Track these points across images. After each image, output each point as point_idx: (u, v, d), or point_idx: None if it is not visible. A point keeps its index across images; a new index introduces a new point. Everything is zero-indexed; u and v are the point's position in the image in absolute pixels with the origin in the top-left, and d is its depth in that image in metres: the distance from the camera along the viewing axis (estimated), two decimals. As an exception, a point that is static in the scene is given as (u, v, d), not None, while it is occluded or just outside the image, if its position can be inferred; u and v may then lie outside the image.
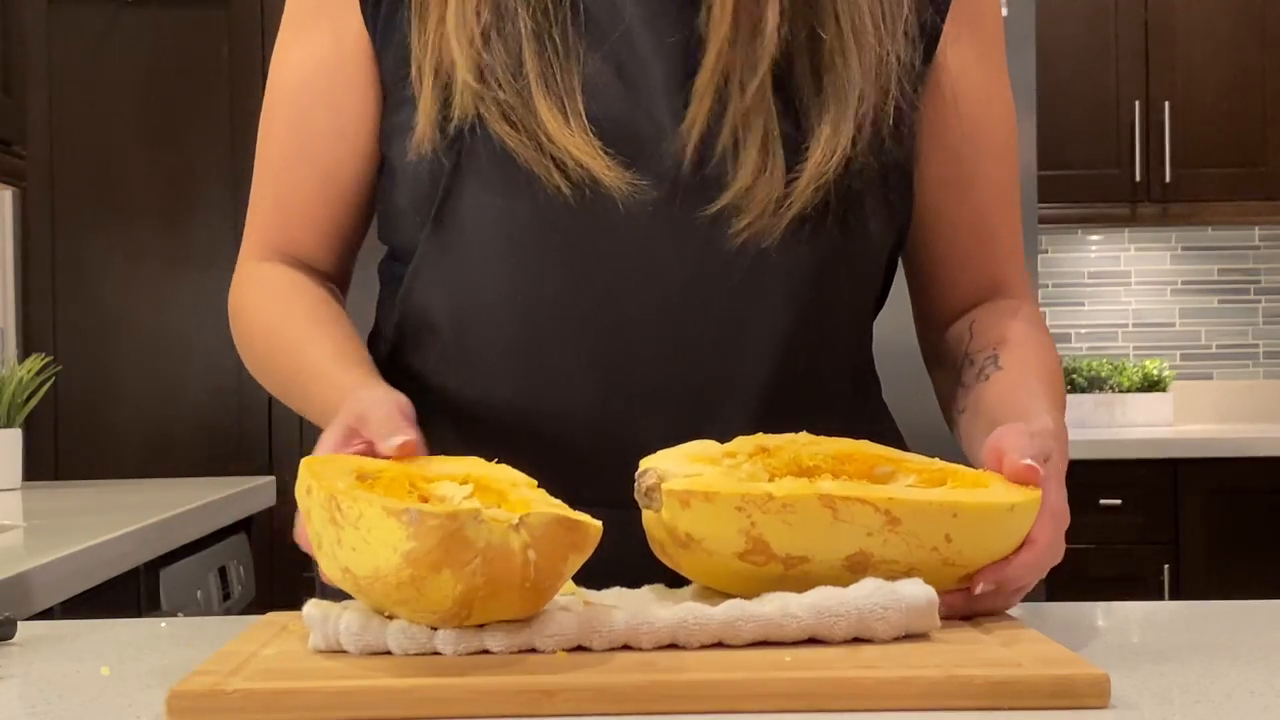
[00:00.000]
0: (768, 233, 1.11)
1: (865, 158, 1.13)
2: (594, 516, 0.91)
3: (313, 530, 0.91)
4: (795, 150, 1.11)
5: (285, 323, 1.21)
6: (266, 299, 1.24)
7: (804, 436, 1.02)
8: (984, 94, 1.22)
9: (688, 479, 0.94)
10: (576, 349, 1.12)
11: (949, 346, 1.26)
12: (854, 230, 1.14)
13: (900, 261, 1.27)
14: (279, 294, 1.23)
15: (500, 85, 1.11)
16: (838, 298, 1.17)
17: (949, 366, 1.25)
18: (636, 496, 0.96)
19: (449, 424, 1.17)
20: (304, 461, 0.93)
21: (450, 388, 1.18)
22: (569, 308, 1.12)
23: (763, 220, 1.10)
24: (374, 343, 1.26)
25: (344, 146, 1.21)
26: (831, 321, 1.17)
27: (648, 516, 0.97)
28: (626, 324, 1.12)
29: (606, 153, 1.09)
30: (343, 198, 1.23)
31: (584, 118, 1.09)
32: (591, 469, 1.10)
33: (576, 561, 0.90)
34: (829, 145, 1.11)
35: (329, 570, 0.91)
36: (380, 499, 0.87)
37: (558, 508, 0.92)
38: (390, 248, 1.25)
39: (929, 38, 1.19)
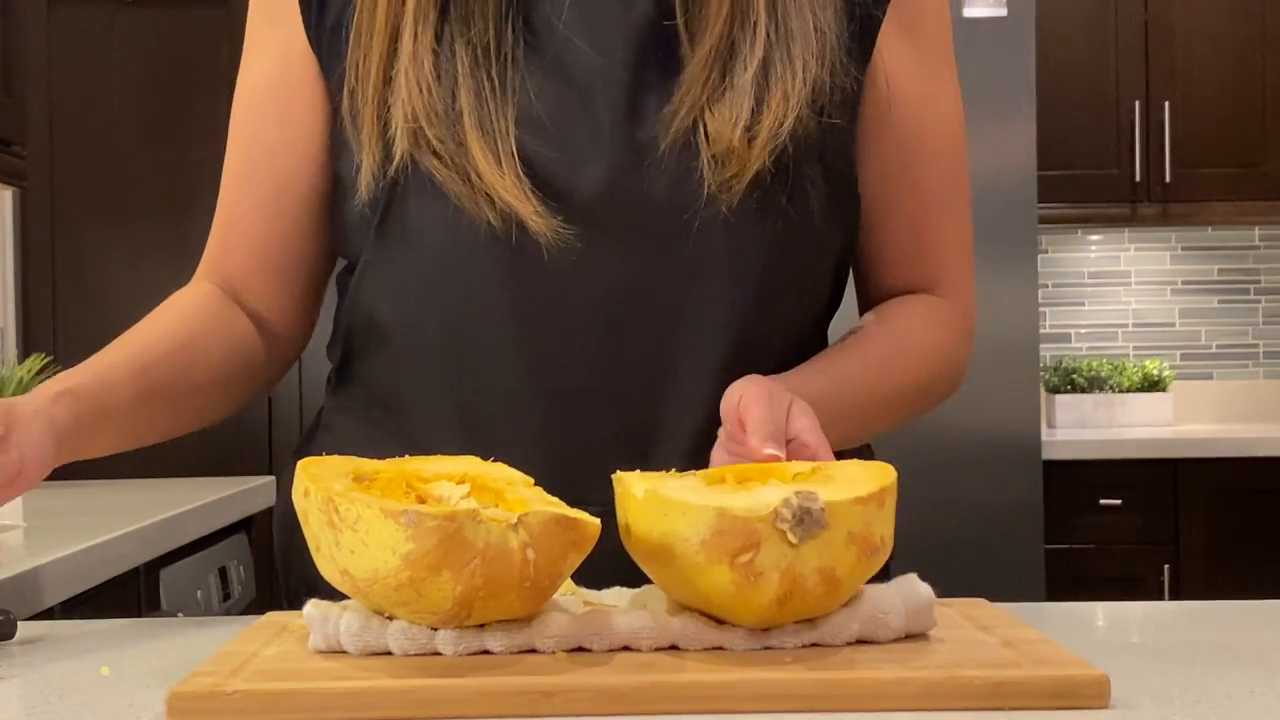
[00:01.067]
0: (725, 199, 1.11)
1: (808, 125, 1.13)
2: None
3: (310, 533, 0.91)
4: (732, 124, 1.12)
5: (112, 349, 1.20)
6: (152, 314, 1.23)
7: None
8: (924, 96, 1.22)
9: (842, 482, 0.90)
10: (514, 357, 1.13)
11: None
12: (799, 208, 1.14)
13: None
14: (159, 309, 1.23)
15: (435, 123, 1.11)
16: (784, 290, 1.17)
17: None
18: (783, 527, 0.85)
19: (402, 430, 1.17)
20: (300, 464, 0.93)
21: (399, 394, 1.19)
22: (504, 316, 1.13)
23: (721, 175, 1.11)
24: (331, 350, 1.27)
25: (293, 158, 1.21)
26: (781, 318, 1.17)
27: (780, 557, 0.86)
28: (563, 330, 1.12)
29: (535, 194, 1.10)
30: (290, 214, 1.23)
31: (515, 157, 1.10)
32: (546, 472, 1.09)
33: (576, 559, 0.90)
34: (779, 110, 1.11)
35: (327, 572, 0.91)
36: (378, 501, 0.87)
37: (555, 506, 0.92)
38: (346, 259, 1.25)
39: (864, 27, 1.19)
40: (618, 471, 0.95)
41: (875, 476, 0.91)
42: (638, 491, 0.91)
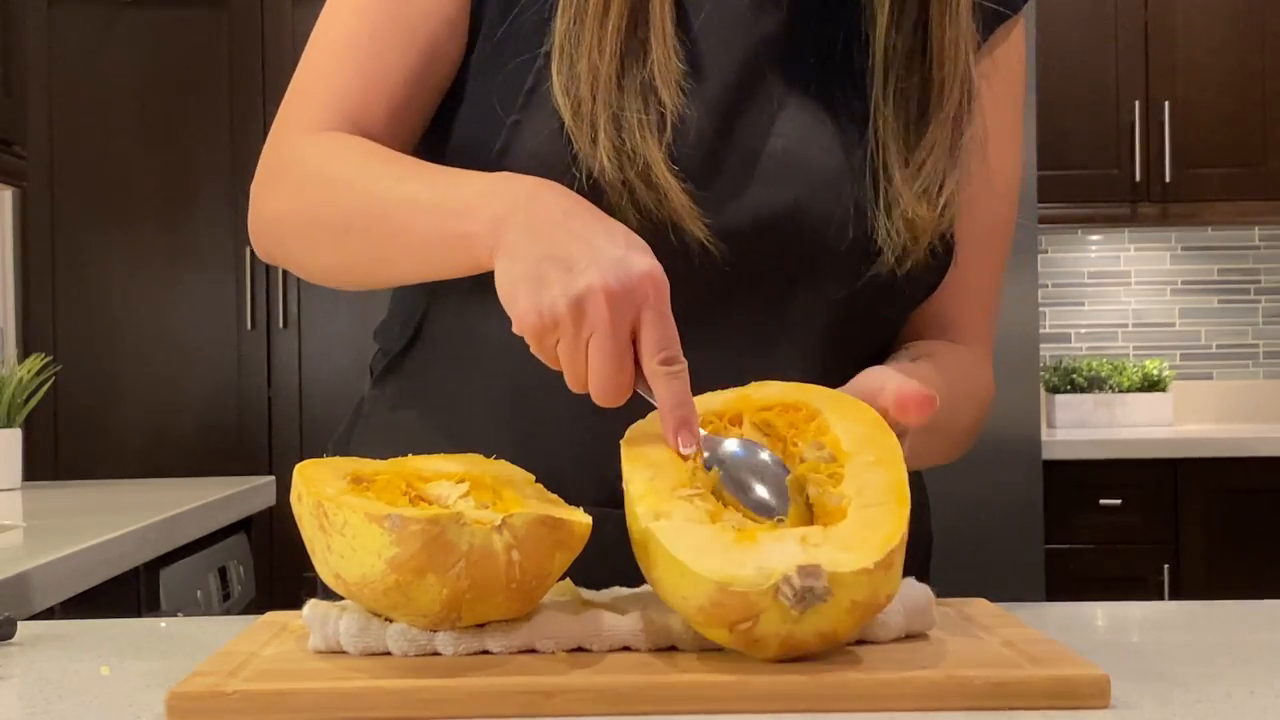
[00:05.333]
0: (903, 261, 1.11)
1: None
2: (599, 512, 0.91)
3: (305, 536, 0.91)
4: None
5: (379, 155, 1.09)
6: (344, 144, 1.12)
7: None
8: (991, 150, 1.19)
9: (849, 552, 0.85)
10: None
11: None
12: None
13: None
14: (364, 144, 1.11)
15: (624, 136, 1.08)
16: (865, 333, 1.16)
17: None
18: (785, 602, 0.83)
19: (454, 428, 1.16)
20: (297, 467, 0.93)
21: (467, 391, 1.16)
22: None
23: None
24: (388, 334, 1.24)
25: (446, 29, 1.15)
26: (860, 343, 1.17)
27: (791, 626, 0.84)
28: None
29: (686, 189, 1.07)
30: (434, 83, 1.16)
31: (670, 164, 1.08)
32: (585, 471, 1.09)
33: (565, 560, 0.90)
34: (955, 184, 1.12)
35: (323, 575, 0.91)
36: (365, 504, 0.87)
37: (552, 505, 0.92)
38: None
39: None
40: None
41: (887, 528, 0.87)
42: (642, 513, 0.88)
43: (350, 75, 1.14)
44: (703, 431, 0.94)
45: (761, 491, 0.92)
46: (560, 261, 0.92)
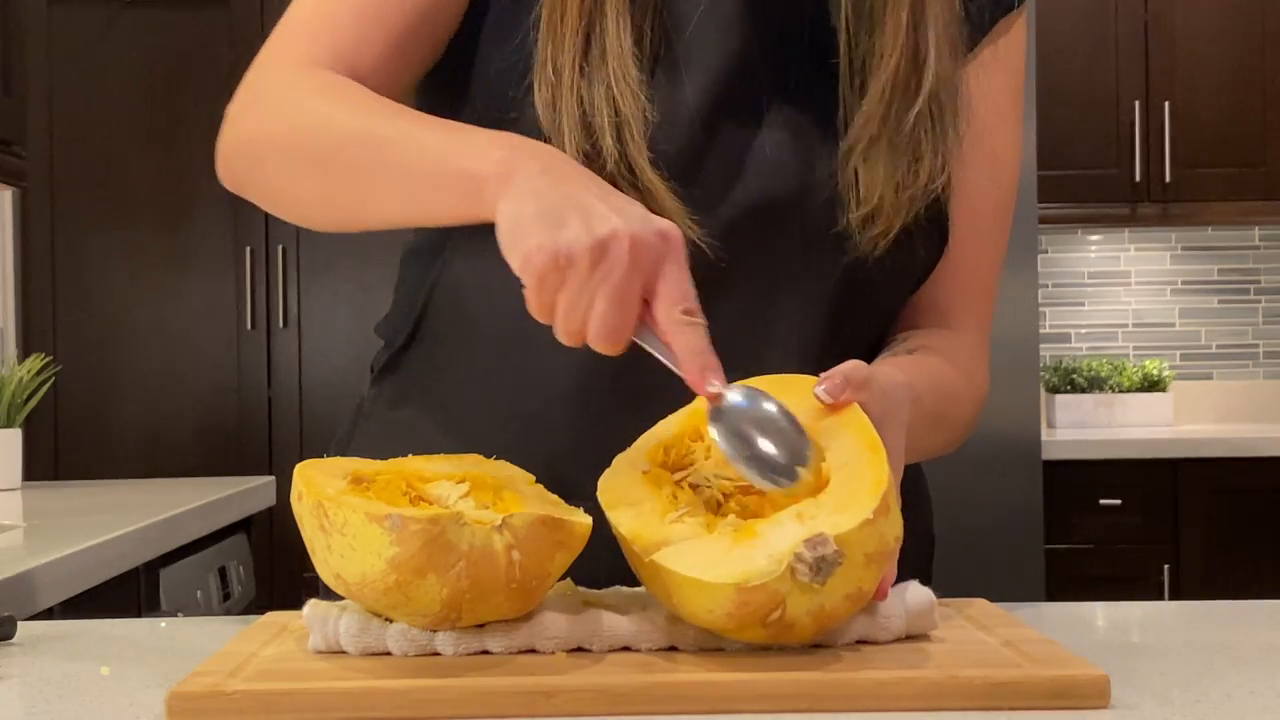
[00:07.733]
0: (871, 248, 1.11)
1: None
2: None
3: (305, 536, 0.91)
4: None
5: (378, 98, 1.05)
6: (341, 81, 1.08)
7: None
8: (979, 130, 1.19)
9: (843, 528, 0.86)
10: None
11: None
12: (909, 245, 1.14)
13: None
14: (362, 88, 1.07)
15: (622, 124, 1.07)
16: (863, 321, 1.16)
17: None
18: (803, 579, 0.84)
19: (450, 424, 1.16)
20: (298, 467, 0.93)
21: (464, 386, 1.16)
22: None
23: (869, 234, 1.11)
24: (390, 330, 1.24)
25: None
26: (855, 334, 1.17)
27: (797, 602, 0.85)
28: None
29: (673, 189, 1.07)
30: (427, 42, 1.14)
31: (653, 163, 1.07)
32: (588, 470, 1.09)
33: (565, 560, 0.90)
34: (933, 164, 1.12)
35: (323, 575, 0.91)
36: (365, 504, 0.87)
37: (552, 505, 0.92)
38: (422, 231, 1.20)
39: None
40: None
41: (871, 477, 0.88)
42: (640, 550, 0.89)
43: (347, 14, 1.11)
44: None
45: (767, 447, 0.90)
46: (579, 207, 0.90)
